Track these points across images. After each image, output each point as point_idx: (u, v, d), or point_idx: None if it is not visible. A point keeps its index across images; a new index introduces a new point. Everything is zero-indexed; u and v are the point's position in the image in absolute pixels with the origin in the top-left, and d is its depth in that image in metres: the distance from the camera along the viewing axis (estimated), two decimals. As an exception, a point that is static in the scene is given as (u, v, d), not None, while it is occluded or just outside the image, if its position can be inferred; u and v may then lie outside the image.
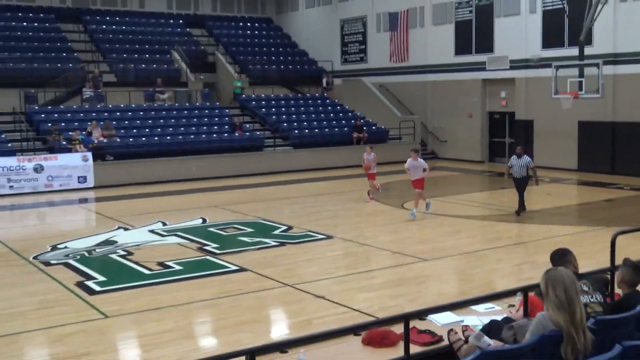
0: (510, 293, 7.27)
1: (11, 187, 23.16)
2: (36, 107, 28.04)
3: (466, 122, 30.63)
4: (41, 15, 33.93)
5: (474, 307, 7.49)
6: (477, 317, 7.19)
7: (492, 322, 6.19)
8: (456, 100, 30.84)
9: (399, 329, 6.39)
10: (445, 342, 6.16)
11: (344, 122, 32.25)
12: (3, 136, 25.47)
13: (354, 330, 7.11)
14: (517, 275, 11.56)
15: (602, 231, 14.01)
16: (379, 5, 34.37)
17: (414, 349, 6.17)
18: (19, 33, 31.95)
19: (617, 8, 24.14)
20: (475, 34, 29.84)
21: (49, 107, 28.51)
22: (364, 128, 31.13)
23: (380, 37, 34.41)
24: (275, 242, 15.06)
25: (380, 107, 33.11)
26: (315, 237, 15.38)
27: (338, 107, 33.80)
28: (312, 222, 17.08)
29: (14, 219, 20.33)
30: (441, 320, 7.00)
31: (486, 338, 5.55)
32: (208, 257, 13.70)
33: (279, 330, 9.95)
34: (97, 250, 14.51)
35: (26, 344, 9.30)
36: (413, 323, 6.45)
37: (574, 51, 22.99)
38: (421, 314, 7.13)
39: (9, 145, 24.93)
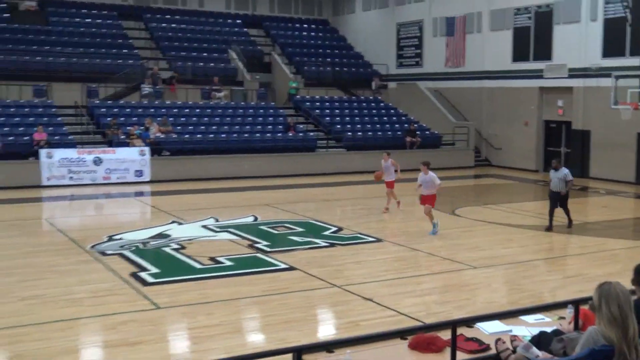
0: (561, 305, 7.17)
1: (71, 177, 23.75)
2: (97, 102, 28.64)
3: (522, 130, 30.13)
4: (104, 12, 34.63)
5: (523, 318, 7.40)
6: (526, 328, 7.11)
7: (542, 333, 6.13)
8: (512, 107, 30.38)
9: (445, 335, 6.37)
10: (493, 351, 6.10)
11: (397, 125, 32.09)
12: (65, 129, 26.09)
13: (401, 334, 7.12)
14: (568, 287, 11.36)
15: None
16: (435, 9, 34.06)
17: (461, 356, 6.15)
18: (82, 29, 32.67)
19: (682, 18, 23.50)
20: (533, 41, 29.33)
21: (109, 101, 29.10)
22: (418, 132, 30.89)
23: (437, 41, 34.12)
24: (325, 242, 15.09)
25: (434, 112, 32.82)
26: (365, 240, 15.38)
27: (392, 111, 33.67)
28: (362, 225, 17.08)
29: (73, 209, 20.81)
30: (489, 329, 6.93)
31: (535, 349, 5.50)
32: (258, 255, 13.80)
33: (326, 330, 9.99)
34: (151, 242, 14.77)
35: (81, 330, 9.54)
36: (460, 330, 6.42)
37: (636, 61, 22.52)
38: (469, 322, 7.09)
39: (70, 137, 25.54)
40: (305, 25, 39.93)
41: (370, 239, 15.41)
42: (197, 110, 29.61)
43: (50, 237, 16.13)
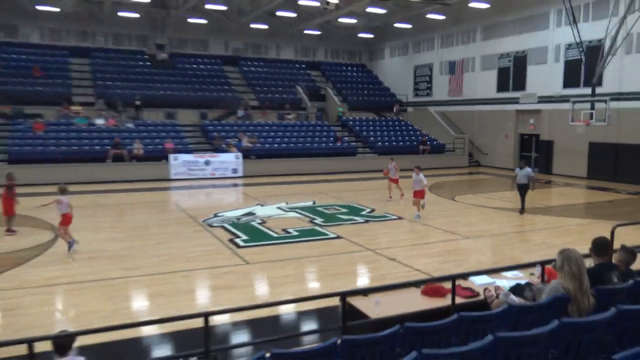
0: (531, 265, 6.96)
1: (189, 174, 24.19)
2: (207, 122, 29.06)
3: (503, 140, 29.47)
4: (212, 60, 35.13)
5: (504, 273, 7.21)
6: (506, 281, 6.91)
7: (517, 285, 5.96)
8: (496, 124, 29.75)
9: (447, 285, 6.26)
10: (481, 297, 5.98)
11: (413, 137, 31.65)
12: (185, 140, 26.59)
13: (416, 284, 7.02)
14: (536, 252, 11.03)
15: (604, 223, 13.19)
16: (442, 56, 33.53)
17: (458, 300, 6.03)
18: (197, 72, 33.21)
19: (623, 58, 22.53)
20: (512, 77, 28.61)
21: (215, 122, 29.49)
22: (428, 142, 30.50)
23: (442, 78, 33.56)
24: (362, 219, 15.03)
25: (440, 128, 32.28)
26: (390, 218, 15.25)
27: (410, 127, 33.23)
28: (388, 207, 16.94)
29: (190, 195, 21.22)
30: (479, 281, 6.77)
31: (513, 296, 5.37)
32: (316, 227, 13.82)
33: (362, 280, 9.95)
34: (242, 218, 14.94)
35: (197, 277, 9.72)
36: (458, 282, 6.29)
37: (587, 90, 21.81)
38: (464, 276, 6.94)
39: (189, 146, 26.01)
40: (349, 68, 39.72)
41: (394, 217, 15.27)
42: (274, 127, 29.78)
43: (176, 214, 16.47)
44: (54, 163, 22.19)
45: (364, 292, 6.87)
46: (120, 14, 30.36)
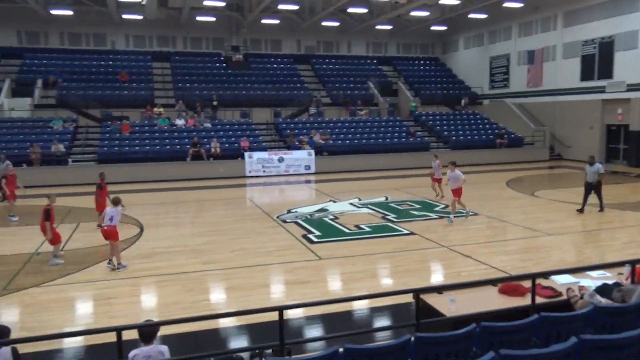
0: (620, 264, 6.51)
1: (264, 171, 24.76)
2: (280, 120, 29.58)
3: (587, 132, 27.72)
4: (285, 59, 35.67)
5: (589, 273, 6.79)
6: (591, 281, 6.51)
7: (604, 285, 5.61)
8: (579, 115, 28.05)
9: (527, 284, 5.99)
10: (564, 297, 5.67)
11: (489, 131, 30.56)
12: (260, 138, 27.22)
13: (493, 282, 6.77)
14: (625, 250, 10.33)
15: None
16: (520, 45, 32.09)
17: (539, 300, 5.75)
18: (271, 72, 33.85)
19: None
20: (598, 64, 26.85)
21: (288, 119, 29.96)
22: (505, 135, 29.35)
23: (520, 68, 32.12)
24: (436, 215, 14.72)
25: (518, 121, 30.91)
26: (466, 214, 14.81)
27: (485, 120, 32.10)
28: (463, 203, 16.44)
29: (265, 191, 21.69)
30: (561, 281, 6.42)
31: (599, 297, 5.06)
32: (388, 224, 13.70)
33: (436, 277, 9.75)
34: (315, 214, 15.08)
35: (271, 272, 9.94)
36: (538, 281, 6.00)
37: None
38: (545, 275, 6.61)
39: (263, 144, 26.60)
40: (421, 62, 38.97)
41: (470, 213, 14.81)
42: (346, 123, 29.80)
43: (251, 209, 16.90)
44: (138, 162, 23.48)
45: (438, 289, 6.71)
46: (198, 18, 31.57)
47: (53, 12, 28.89)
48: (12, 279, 9.42)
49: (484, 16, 32.15)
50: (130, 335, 4.88)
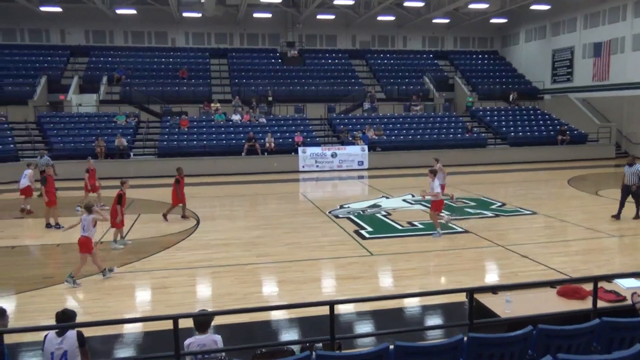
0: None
1: (317, 166, 24.89)
2: (334, 115, 29.61)
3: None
4: (339, 55, 35.65)
5: (657, 277, 6.40)
6: (659, 286, 6.15)
7: (674, 290, 5.28)
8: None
9: (588, 287, 5.73)
10: (628, 302, 5.38)
11: (550, 127, 29.39)
12: (313, 133, 27.36)
13: (552, 283, 6.53)
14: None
15: None
16: (585, 37, 30.61)
17: (600, 304, 5.49)
18: (325, 67, 33.93)
19: None
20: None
21: (342, 115, 29.95)
22: (567, 132, 28.15)
23: (585, 61, 30.63)
24: (492, 213, 14.33)
25: (581, 116, 29.55)
26: (523, 213, 14.34)
27: (546, 116, 30.89)
28: (521, 201, 15.93)
29: (318, 186, 21.81)
30: (626, 284, 6.09)
31: (667, 303, 4.77)
32: (442, 221, 13.45)
33: (491, 277, 9.49)
34: (368, 210, 15.02)
35: (322, 267, 9.98)
36: (600, 284, 5.73)
37: None
38: (608, 278, 6.30)
39: (317, 139, 26.73)
40: (479, 56, 37.94)
41: (527, 212, 14.34)
42: (400, 119, 29.48)
43: (304, 204, 17.02)
44: (196, 156, 24.16)
45: (493, 289, 6.53)
46: (255, 15, 32.06)
47: (118, 11, 30.12)
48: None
49: (547, 7, 30.91)
50: (186, 323, 5.03)
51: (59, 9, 29.29)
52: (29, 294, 8.50)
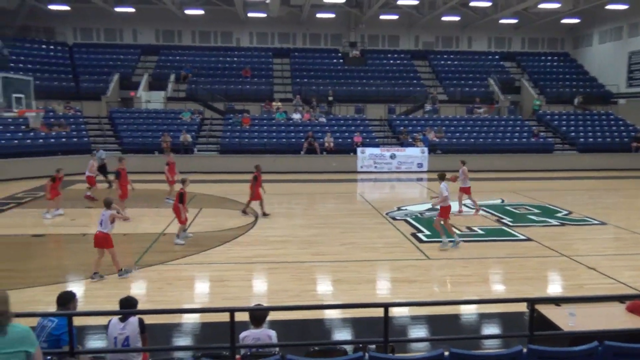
0: None
1: (375, 167, 24.76)
2: (394, 116, 29.33)
3: None
4: (402, 55, 35.25)
5: None
6: None
7: None
8: None
9: (662, 304, 5.37)
10: None
11: (624, 133, 27.82)
12: (372, 134, 27.22)
13: (620, 298, 6.17)
14: None
15: None
16: (667, 39, 28.80)
17: (677, 323, 5.14)
18: (387, 67, 33.67)
19: None
20: None
21: (402, 116, 29.62)
22: (644, 139, 26.59)
23: (666, 65, 28.82)
24: (557, 222, 13.73)
25: (660, 123, 27.85)
26: (591, 222, 13.67)
27: (620, 121, 29.25)
28: (589, 210, 15.18)
29: (375, 187, 21.69)
30: None
31: None
32: (503, 227, 13.07)
33: (554, 288, 9.10)
34: (426, 213, 14.78)
35: (378, 268, 9.92)
36: (678, 301, 5.37)
37: None
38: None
39: (376, 140, 26.58)
40: (549, 57, 36.40)
41: (595, 222, 13.65)
42: (463, 122, 28.80)
43: (361, 205, 16.98)
44: (257, 154, 24.62)
45: (557, 301, 6.26)
46: (318, 15, 32.28)
47: (187, 12, 31.17)
48: (142, 256, 10.36)
49: (624, 7, 29.22)
50: (242, 317, 5.13)
51: (132, 10, 30.66)
52: (95, 280, 8.95)
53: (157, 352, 5.69)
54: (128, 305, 5.26)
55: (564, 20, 33.46)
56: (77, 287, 8.64)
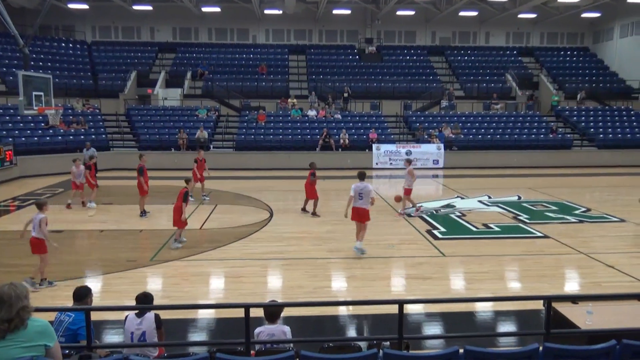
0: None
1: (391, 163, 24.65)
2: (410, 112, 29.17)
3: None
4: (418, 51, 35.02)
5: None
6: None
7: None
8: None
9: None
10: None
11: (645, 129, 27.40)
12: (388, 130, 27.10)
13: (639, 297, 6.07)
14: None
15: None
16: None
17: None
18: (404, 63, 33.46)
19: None
20: None
21: (418, 112, 29.44)
22: (665, 135, 26.07)
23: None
24: (575, 219, 13.55)
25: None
26: (610, 220, 13.46)
27: (641, 118, 28.80)
28: (608, 207, 14.94)
29: (390, 184, 21.61)
30: None
31: None
32: (520, 225, 12.93)
33: (571, 286, 8.98)
34: (441, 210, 14.71)
35: (393, 265, 9.89)
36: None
37: None
38: None
39: (392, 136, 26.47)
40: (568, 52, 35.84)
41: (615, 219, 13.44)
42: (479, 118, 28.53)
43: (376, 201, 16.79)
44: (272, 150, 24.69)
45: (574, 298, 6.18)
46: (334, 11, 32.19)
47: (204, 9, 31.33)
48: (158, 252, 10.47)
49: (646, 0, 28.69)
50: (257, 313, 5.16)
51: (149, 8, 30.91)
52: (113, 276, 9.07)
53: (173, 347, 5.74)
54: (145, 301, 5.32)
55: (584, 15, 32.92)
56: (95, 283, 8.77)
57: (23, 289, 3.26)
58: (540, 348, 4.06)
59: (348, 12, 32.53)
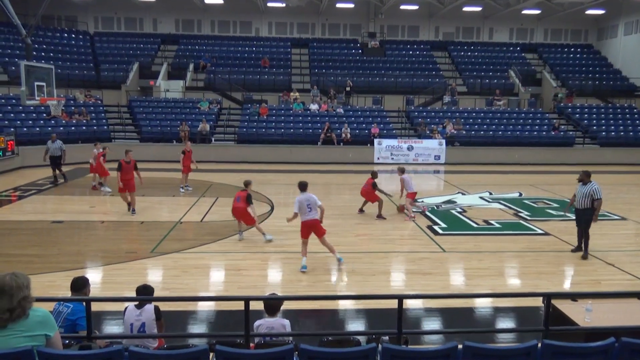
0: None
1: (392, 158, 24.62)
2: (412, 108, 29.11)
3: None
4: (421, 46, 34.88)
5: None
6: None
7: None
8: None
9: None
10: None
11: (648, 127, 27.32)
12: (390, 125, 27.06)
13: (639, 295, 6.08)
14: None
15: None
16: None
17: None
18: (406, 58, 33.37)
19: None
20: None
21: (420, 107, 29.38)
22: (668, 133, 26.00)
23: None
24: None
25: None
26: (610, 217, 13.43)
27: (644, 116, 28.71)
28: (609, 205, 14.82)
29: (392, 179, 21.55)
30: None
31: None
32: (521, 221, 12.92)
33: (571, 283, 8.98)
34: (443, 206, 14.71)
35: (392, 260, 9.89)
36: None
37: None
38: None
39: (393, 131, 26.42)
40: (572, 49, 35.70)
41: (616, 217, 13.43)
42: (482, 114, 28.45)
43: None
44: (274, 144, 24.67)
45: (573, 296, 6.18)
46: (337, 5, 32.06)
47: (207, 1, 31.21)
48: (158, 244, 10.48)
49: (651, -2, 28.56)
50: (257, 305, 5.17)
51: (152, -1, 30.85)
52: (113, 267, 9.09)
53: (172, 339, 5.76)
54: (144, 293, 5.34)
55: (589, 11, 32.77)
56: (95, 273, 8.79)
57: (24, 279, 3.27)
58: (539, 345, 4.06)
59: (351, 5, 32.39)
